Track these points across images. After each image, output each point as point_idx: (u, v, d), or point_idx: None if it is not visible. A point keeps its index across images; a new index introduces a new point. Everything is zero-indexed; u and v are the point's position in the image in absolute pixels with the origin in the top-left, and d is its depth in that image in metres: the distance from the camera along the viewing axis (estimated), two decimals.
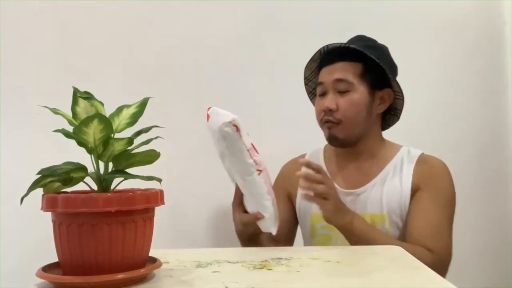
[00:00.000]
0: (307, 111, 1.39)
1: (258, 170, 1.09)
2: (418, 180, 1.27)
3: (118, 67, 1.58)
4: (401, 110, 1.34)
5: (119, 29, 1.60)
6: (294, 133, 1.63)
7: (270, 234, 1.16)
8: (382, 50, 1.33)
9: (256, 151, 1.10)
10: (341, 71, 1.28)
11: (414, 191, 1.26)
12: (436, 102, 1.75)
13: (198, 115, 1.61)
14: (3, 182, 1.40)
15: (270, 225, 1.13)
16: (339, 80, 1.27)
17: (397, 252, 1.02)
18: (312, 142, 1.43)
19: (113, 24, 1.59)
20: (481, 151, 1.77)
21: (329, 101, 1.28)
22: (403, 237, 1.25)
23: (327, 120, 1.29)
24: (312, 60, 1.36)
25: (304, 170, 1.15)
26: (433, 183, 1.26)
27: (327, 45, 1.32)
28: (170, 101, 1.58)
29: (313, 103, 1.39)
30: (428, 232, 1.20)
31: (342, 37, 1.34)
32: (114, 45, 1.59)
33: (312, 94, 1.42)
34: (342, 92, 1.27)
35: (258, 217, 1.13)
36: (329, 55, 1.32)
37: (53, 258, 0.75)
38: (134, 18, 1.61)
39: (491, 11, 1.82)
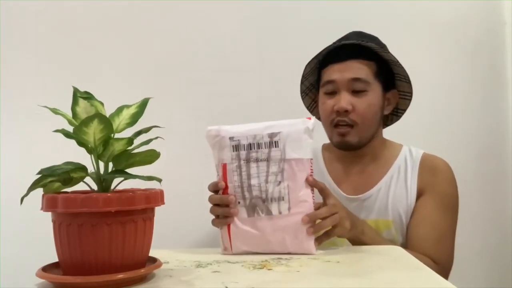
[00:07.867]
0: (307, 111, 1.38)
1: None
2: (423, 184, 1.24)
3: (118, 67, 1.58)
4: (404, 110, 1.30)
5: (119, 29, 1.60)
6: None
7: None
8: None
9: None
10: (357, 69, 1.20)
11: (419, 195, 1.23)
12: (436, 102, 1.75)
13: (198, 115, 1.62)
14: (3, 182, 1.40)
15: None
16: (356, 80, 1.19)
17: (397, 252, 1.02)
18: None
19: (114, 24, 1.59)
20: (481, 151, 1.77)
21: (344, 101, 1.19)
22: (405, 242, 1.23)
23: (340, 122, 1.20)
24: (315, 56, 1.26)
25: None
26: (438, 188, 1.23)
27: (339, 41, 1.23)
28: (170, 102, 1.58)
29: (305, 103, 1.34)
30: (433, 242, 1.18)
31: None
32: (114, 45, 1.59)
33: (304, 94, 1.34)
34: (357, 92, 1.19)
35: None
36: (340, 52, 1.22)
37: (53, 258, 0.75)
38: (134, 18, 1.62)
39: (491, 11, 1.82)
